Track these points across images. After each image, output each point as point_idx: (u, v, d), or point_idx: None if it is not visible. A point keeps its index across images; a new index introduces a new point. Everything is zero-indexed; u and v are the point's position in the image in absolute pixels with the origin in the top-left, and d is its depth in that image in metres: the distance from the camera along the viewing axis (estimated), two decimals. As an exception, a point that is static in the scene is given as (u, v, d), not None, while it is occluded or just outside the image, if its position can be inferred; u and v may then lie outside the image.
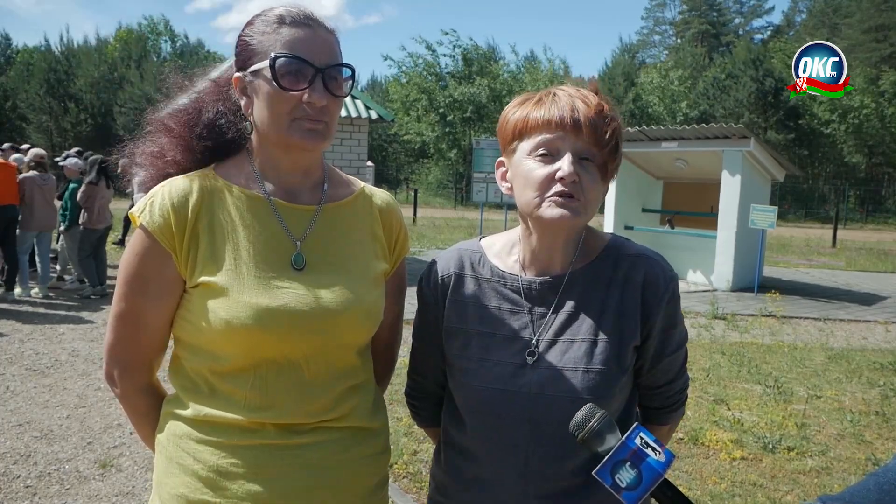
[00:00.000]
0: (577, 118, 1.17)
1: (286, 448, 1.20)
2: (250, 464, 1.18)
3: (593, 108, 1.19)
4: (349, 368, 1.28)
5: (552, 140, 1.18)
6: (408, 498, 3.51)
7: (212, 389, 1.21)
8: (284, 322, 1.17)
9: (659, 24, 68.64)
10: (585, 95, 1.21)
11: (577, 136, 1.17)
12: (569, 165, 1.16)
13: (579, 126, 1.17)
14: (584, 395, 1.19)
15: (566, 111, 1.18)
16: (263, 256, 1.21)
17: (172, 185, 1.23)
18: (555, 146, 1.18)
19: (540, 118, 1.19)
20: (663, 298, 1.24)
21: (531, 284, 1.28)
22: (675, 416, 1.39)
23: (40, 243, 8.24)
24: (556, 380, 1.21)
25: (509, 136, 1.25)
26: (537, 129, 1.19)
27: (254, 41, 1.22)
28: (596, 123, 1.18)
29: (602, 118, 1.19)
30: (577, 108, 1.18)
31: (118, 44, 46.10)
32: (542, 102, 1.21)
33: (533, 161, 1.20)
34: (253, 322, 1.15)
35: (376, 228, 1.35)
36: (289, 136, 1.19)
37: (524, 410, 1.22)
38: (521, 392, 1.22)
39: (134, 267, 1.21)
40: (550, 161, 1.18)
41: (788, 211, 33.32)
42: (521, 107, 1.24)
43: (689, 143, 10.71)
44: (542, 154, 1.19)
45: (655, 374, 1.31)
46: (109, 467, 3.80)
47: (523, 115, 1.22)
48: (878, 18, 46.50)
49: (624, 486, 1.00)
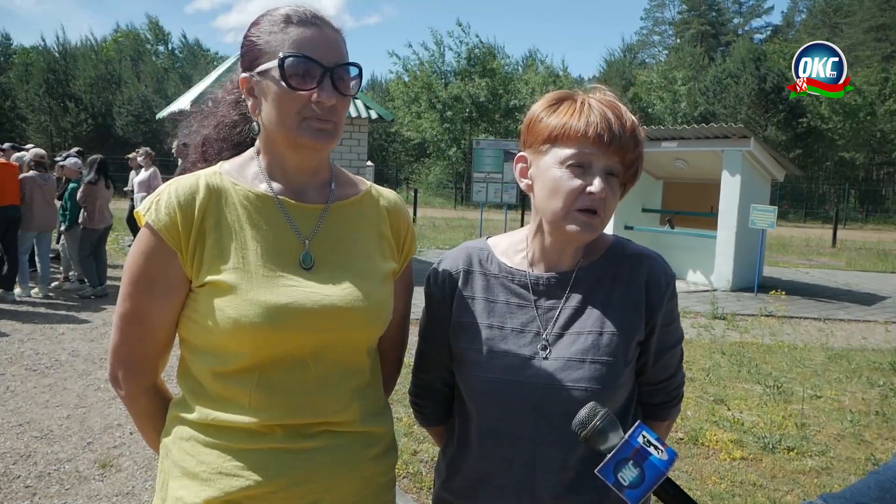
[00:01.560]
0: (612, 135, 1.20)
1: (294, 452, 1.18)
2: (258, 468, 1.17)
3: (628, 127, 1.23)
4: (357, 368, 1.27)
5: (587, 154, 1.21)
6: (408, 498, 3.51)
7: (217, 393, 1.20)
8: (294, 320, 1.16)
9: (658, 24, 68.64)
10: (619, 111, 1.24)
11: (610, 154, 1.21)
12: (601, 182, 1.20)
13: (613, 143, 1.21)
14: (592, 384, 1.23)
15: (602, 125, 1.20)
16: (271, 255, 1.20)
17: (179, 183, 1.22)
18: (588, 160, 1.21)
19: (579, 128, 1.21)
20: (665, 295, 1.31)
21: (539, 280, 1.31)
22: (674, 412, 1.45)
23: (40, 243, 8.24)
24: (564, 370, 1.24)
25: (542, 137, 1.26)
26: (575, 140, 1.22)
27: (261, 41, 1.21)
28: (628, 144, 1.22)
29: (634, 139, 1.24)
30: (612, 123, 1.21)
31: (115, 44, 46.12)
32: (580, 112, 1.23)
33: (564, 171, 1.22)
34: (262, 320, 1.14)
35: (384, 228, 1.35)
36: (298, 135, 1.19)
37: (532, 401, 1.25)
38: (528, 383, 1.25)
39: (139, 266, 1.20)
40: (581, 173, 1.21)
41: (788, 211, 33.31)
42: (556, 111, 1.26)
43: (689, 142, 10.71)
44: (572, 164, 1.22)
45: (657, 370, 1.36)
46: (109, 467, 3.80)
47: (560, 123, 1.23)
48: (879, 18, 46.52)
49: (627, 485, 1.01)
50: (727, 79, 38.76)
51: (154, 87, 39.26)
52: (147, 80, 39.88)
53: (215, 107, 1.39)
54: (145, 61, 43.51)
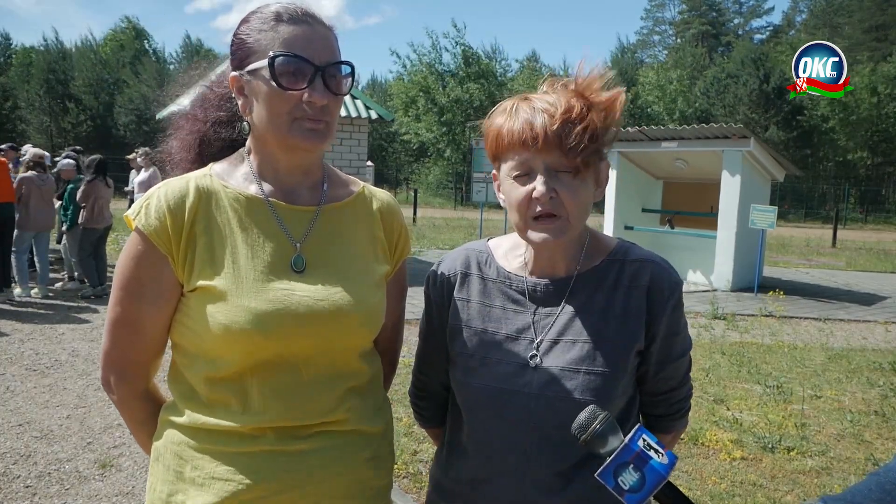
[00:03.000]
0: (539, 134, 1.14)
1: (286, 454, 1.17)
2: (250, 471, 1.15)
3: (558, 117, 1.14)
4: (350, 370, 1.25)
5: (523, 161, 1.17)
6: (408, 498, 3.51)
7: (209, 398, 1.18)
8: (285, 326, 1.15)
9: (659, 24, 68.66)
10: (550, 104, 1.16)
11: (547, 152, 1.15)
12: (542, 185, 1.15)
13: (545, 141, 1.14)
14: (585, 396, 1.18)
15: (524, 127, 1.15)
16: (262, 259, 1.18)
17: (168, 186, 1.21)
18: (527, 165, 1.17)
19: (507, 137, 1.18)
20: (668, 303, 1.24)
21: (536, 286, 1.28)
22: (678, 425, 1.38)
23: (39, 243, 8.23)
24: (558, 380, 1.20)
25: (491, 154, 1.24)
26: (509, 148, 1.19)
27: (250, 39, 1.18)
28: (562, 134, 1.13)
29: (569, 126, 1.14)
30: (536, 122, 1.14)
31: (113, 44, 45.98)
32: (508, 120, 1.19)
33: (511, 182, 1.19)
34: (252, 327, 1.13)
35: (377, 229, 1.33)
36: (289, 136, 1.17)
37: (525, 410, 1.21)
38: (521, 392, 1.22)
39: (130, 271, 1.19)
40: (527, 181, 1.17)
41: (788, 211, 33.28)
42: (494, 121, 1.23)
43: (688, 143, 10.71)
44: (517, 175, 1.18)
45: (659, 381, 1.30)
46: (109, 467, 3.80)
47: (495, 132, 1.21)
48: (879, 18, 46.51)
49: (627, 489, 1.00)
50: (727, 78, 38.74)
51: (156, 86, 39.22)
52: (149, 80, 39.84)
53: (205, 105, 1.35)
54: (143, 61, 43.45)
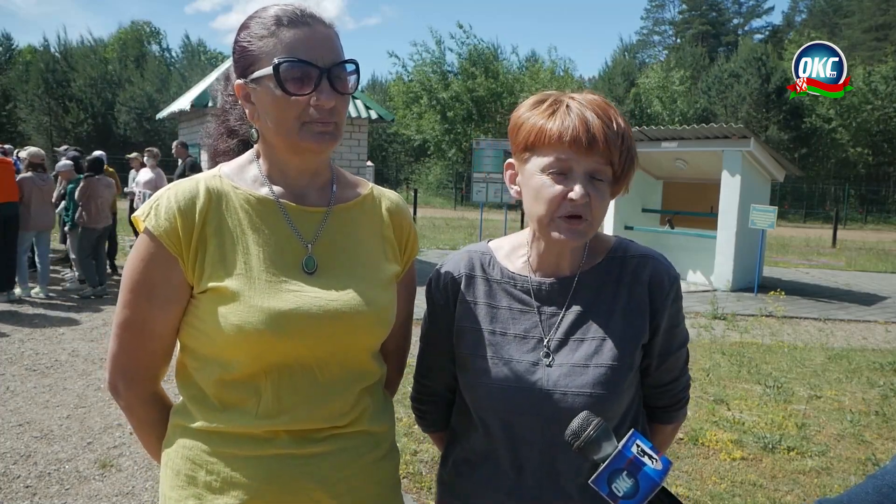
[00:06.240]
0: (590, 138, 1.16)
1: (299, 458, 1.17)
2: (263, 475, 1.15)
3: (607, 123, 1.17)
4: (362, 371, 1.25)
5: (565, 161, 1.18)
6: (408, 498, 3.51)
7: (221, 401, 1.18)
8: (298, 326, 1.14)
9: (659, 24, 68.67)
10: (599, 108, 1.19)
11: (590, 156, 1.17)
12: (581, 188, 1.16)
13: (592, 146, 1.16)
14: (596, 389, 1.21)
15: (579, 128, 1.16)
16: (274, 260, 1.18)
17: (179, 187, 1.20)
18: (567, 166, 1.18)
19: (553, 134, 1.18)
20: (669, 297, 1.29)
21: (541, 285, 1.29)
22: (680, 415, 1.43)
23: (39, 243, 8.24)
24: (568, 376, 1.23)
25: (521, 144, 1.24)
26: (550, 145, 1.18)
27: (252, 46, 1.17)
28: (609, 141, 1.17)
29: (615, 134, 1.18)
30: (590, 125, 1.16)
31: (116, 44, 46.02)
32: (555, 114, 1.19)
33: (545, 177, 1.19)
34: (265, 327, 1.12)
35: (386, 230, 1.33)
36: (300, 140, 1.17)
37: (538, 407, 1.23)
38: (533, 389, 1.24)
39: (139, 273, 1.17)
40: (562, 179, 1.18)
41: (788, 211, 33.24)
42: (533, 113, 1.22)
43: (688, 143, 10.70)
44: (553, 172, 1.19)
45: (662, 372, 1.34)
46: (109, 467, 3.80)
47: (536, 127, 1.20)
48: (879, 18, 46.51)
49: (621, 496, 0.99)
50: (728, 78, 38.72)
51: (157, 85, 39.20)
52: (150, 79, 39.82)
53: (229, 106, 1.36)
54: (146, 60, 43.48)
